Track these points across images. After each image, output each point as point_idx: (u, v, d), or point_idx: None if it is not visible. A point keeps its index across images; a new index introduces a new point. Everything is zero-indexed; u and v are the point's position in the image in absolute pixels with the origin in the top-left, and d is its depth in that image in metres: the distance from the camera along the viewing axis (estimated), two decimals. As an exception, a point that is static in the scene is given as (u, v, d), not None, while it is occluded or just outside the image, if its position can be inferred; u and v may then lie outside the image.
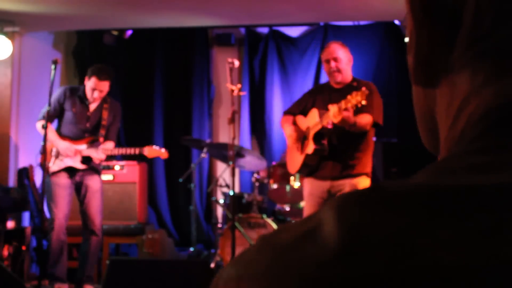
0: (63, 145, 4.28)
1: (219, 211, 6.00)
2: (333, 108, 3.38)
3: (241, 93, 3.98)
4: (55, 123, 4.50)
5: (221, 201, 5.23)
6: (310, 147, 3.62)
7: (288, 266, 0.34)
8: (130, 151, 4.41)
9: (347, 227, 0.34)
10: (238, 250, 4.49)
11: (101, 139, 4.39)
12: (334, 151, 3.62)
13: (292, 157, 3.85)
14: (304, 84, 6.61)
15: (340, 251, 0.33)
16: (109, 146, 4.42)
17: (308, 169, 3.74)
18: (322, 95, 3.78)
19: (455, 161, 0.38)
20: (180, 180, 5.74)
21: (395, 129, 6.38)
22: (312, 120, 3.68)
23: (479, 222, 0.32)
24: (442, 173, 0.37)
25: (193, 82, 7.00)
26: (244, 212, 4.91)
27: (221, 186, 5.63)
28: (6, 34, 5.31)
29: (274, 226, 4.71)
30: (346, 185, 3.60)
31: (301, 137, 3.78)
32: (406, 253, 0.32)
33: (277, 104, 6.81)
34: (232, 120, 3.84)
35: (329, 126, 3.52)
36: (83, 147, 4.33)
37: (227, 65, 3.86)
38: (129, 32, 6.54)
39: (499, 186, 0.33)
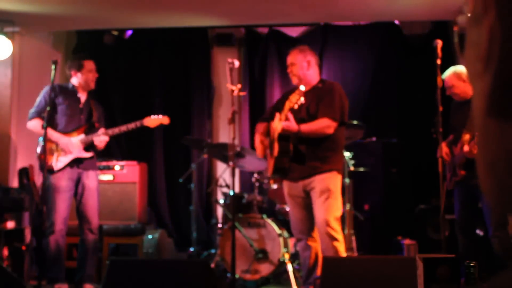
0: (64, 140, 4.28)
1: (219, 211, 6.00)
2: (276, 118, 3.52)
3: (241, 93, 3.98)
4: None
5: (221, 201, 5.23)
6: (276, 149, 3.76)
7: None
8: (131, 125, 4.41)
9: None
10: (238, 250, 4.48)
11: (97, 125, 4.43)
12: (299, 153, 3.75)
13: (268, 162, 4.00)
14: (304, 84, 6.59)
15: None
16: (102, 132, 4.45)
17: (283, 172, 3.86)
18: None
19: None
20: (180, 180, 5.74)
21: (395, 129, 6.38)
22: (275, 124, 3.82)
23: None
24: None
25: (193, 82, 6.99)
26: (244, 212, 4.91)
27: (221, 186, 5.62)
28: (6, 34, 5.31)
29: (274, 226, 4.71)
30: (316, 181, 3.73)
31: (270, 142, 3.90)
32: None
33: (277, 104, 6.80)
34: (232, 120, 3.84)
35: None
36: (81, 137, 4.34)
37: (227, 65, 3.86)
38: (129, 32, 6.54)
39: None
